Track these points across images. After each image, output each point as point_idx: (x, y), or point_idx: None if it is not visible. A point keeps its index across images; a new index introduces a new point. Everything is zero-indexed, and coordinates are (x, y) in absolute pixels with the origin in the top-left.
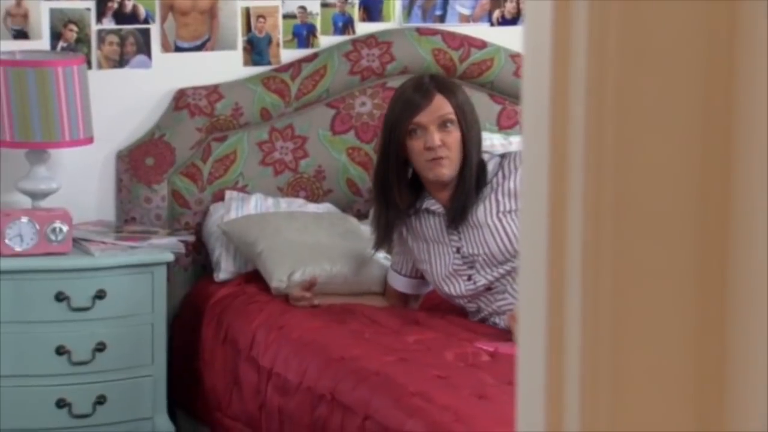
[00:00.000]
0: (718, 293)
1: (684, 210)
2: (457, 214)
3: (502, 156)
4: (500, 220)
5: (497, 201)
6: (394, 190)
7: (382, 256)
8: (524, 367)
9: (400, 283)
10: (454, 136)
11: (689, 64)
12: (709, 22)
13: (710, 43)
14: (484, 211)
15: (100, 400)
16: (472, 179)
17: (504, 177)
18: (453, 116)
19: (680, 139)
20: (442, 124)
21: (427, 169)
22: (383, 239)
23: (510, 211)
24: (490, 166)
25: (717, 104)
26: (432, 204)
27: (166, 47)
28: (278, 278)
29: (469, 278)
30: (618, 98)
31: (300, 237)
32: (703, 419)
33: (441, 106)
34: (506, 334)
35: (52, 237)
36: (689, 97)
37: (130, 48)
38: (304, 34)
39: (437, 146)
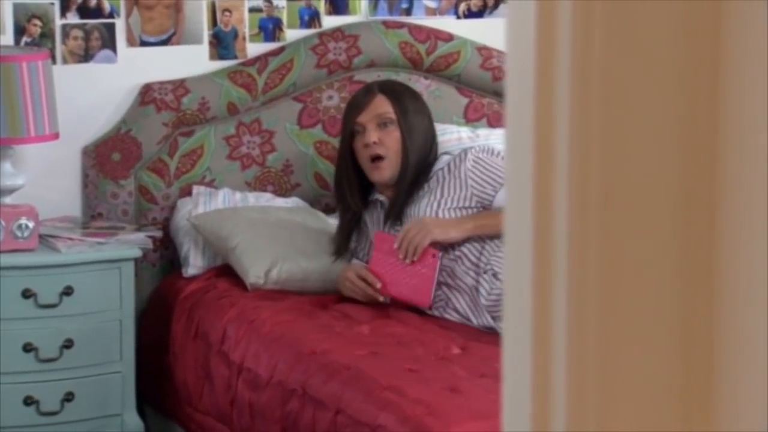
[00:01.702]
0: (705, 290)
1: (670, 205)
2: (393, 213)
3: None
4: (438, 216)
5: (441, 196)
6: (347, 193)
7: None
8: (510, 367)
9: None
10: (394, 136)
11: (674, 59)
12: (693, 17)
13: (695, 39)
14: (426, 205)
15: (69, 398)
16: (410, 180)
17: (449, 171)
18: (392, 116)
19: (665, 133)
20: (382, 124)
21: (368, 171)
22: (342, 246)
23: (451, 209)
24: (441, 164)
25: (701, 98)
26: (380, 196)
27: (131, 42)
28: (255, 274)
29: None
30: (603, 92)
31: (274, 232)
32: (691, 418)
33: (380, 105)
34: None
35: (18, 233)
36: (674, 90)
37: (95, 43)
38: (270, 28)
39: (372, 143)
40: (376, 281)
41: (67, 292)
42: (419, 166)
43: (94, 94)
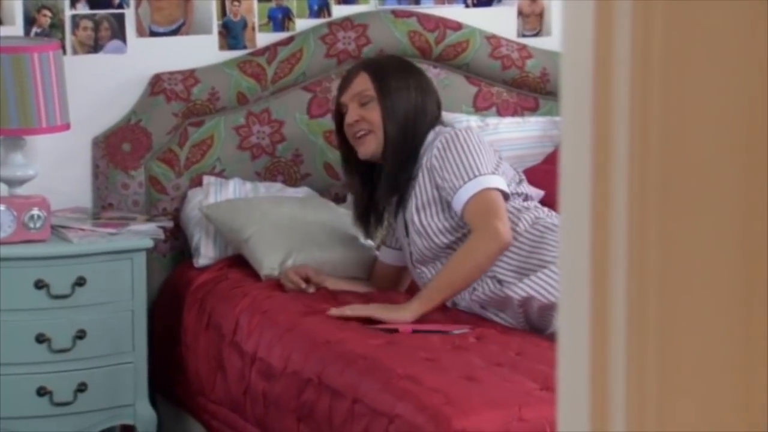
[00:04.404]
0: (766, 286)
1: (730, 197)
2: (387, 196)
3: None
4: (419, 217)
5: (415, 195)
6: (349, 173)
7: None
8: (566, 363)
9: (390, 257)
10: (375, 112)
11: (735, 54)
12: (754, 14)
13: (755, 35)
14: (413, 213)
15: (81, 388)
16: (394, 159)
17: (425, 164)
18: (372, 93)
19: (726, 127)
20: (363, 103)
21: (356, 148)
22: (366, 228)
23: (432, 216)
24: (425, 146)
25: (762, 91)
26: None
27: (140, 32)
28: (269, 266)
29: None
30: (663, 87)
31: (288, 223)
32: (752, 417)
33: (360, 83)
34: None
35: (30, 224)
36: (735, 84)
37: (105, 33)
38: (279, 18)
39: (354, 122)
40: (300, 282)
41: (80, 282)
42: (403, 141)
43: (103, 84)
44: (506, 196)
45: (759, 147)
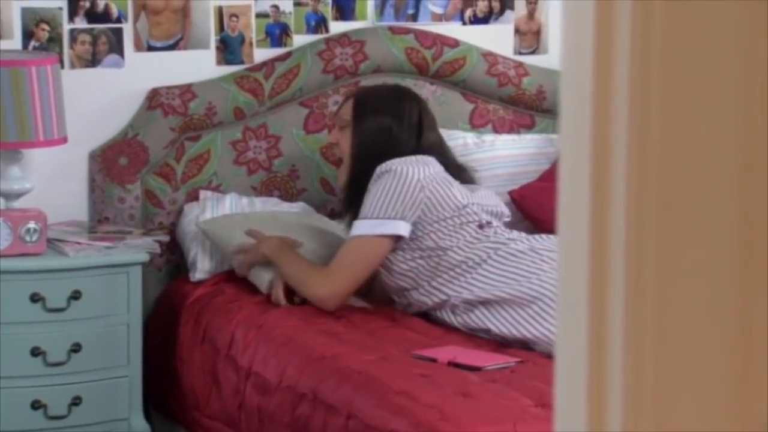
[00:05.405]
0: (764, 290)
1: (729, 207)
2: (345, 213)
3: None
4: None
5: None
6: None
7: None
8: (564, 367)
9: None
10: (345, 137)
11: (735, 60)
12: (754, 17)
13: (755, 40)
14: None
15: (76, 402)
16: (357, 185)
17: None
18: (348, 117)
19: (725, 135)
20: (342, 126)
21: None
22: None
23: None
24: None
25: (762, 98)
26: None
27: (138, 46)
28: (269, 279)
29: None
30: (662, 92)
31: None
32: (748, 419)
33: (345, 108)
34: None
35: (27, 238)
36: (735, 91)
37: (103, 47)
38: (277, 33)
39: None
40: (282, 299)
41: (75, 296)
42: (367, 168)
43: (101, 98)
44: (400, 239)
45: (760, 163)
